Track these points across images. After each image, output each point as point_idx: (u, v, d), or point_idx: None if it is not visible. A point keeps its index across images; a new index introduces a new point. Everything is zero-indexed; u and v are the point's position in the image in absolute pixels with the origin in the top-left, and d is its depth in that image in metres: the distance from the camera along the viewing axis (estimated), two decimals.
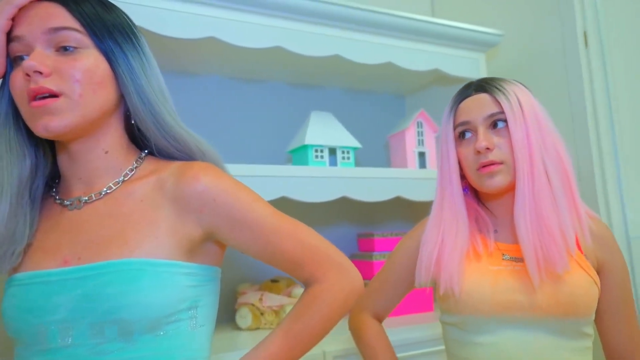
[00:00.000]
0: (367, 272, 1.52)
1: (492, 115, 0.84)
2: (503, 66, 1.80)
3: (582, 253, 0.83)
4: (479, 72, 1.56)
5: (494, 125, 0.85)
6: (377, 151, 1.80)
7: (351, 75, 1.66)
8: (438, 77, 1.67)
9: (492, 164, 0.83)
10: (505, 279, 0.81)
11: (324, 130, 1.40)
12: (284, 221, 0.75)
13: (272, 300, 1.31)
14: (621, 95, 1.59)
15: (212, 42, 1.22)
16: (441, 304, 0.89)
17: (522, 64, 1.73)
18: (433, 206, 0.91)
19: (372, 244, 1.54)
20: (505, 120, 0.84)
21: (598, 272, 0.85)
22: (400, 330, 1.26)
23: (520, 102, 0.84)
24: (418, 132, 1.54)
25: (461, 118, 0.87)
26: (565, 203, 0.80)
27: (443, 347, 1.26)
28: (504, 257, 0.84)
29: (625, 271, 0.86)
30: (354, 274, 0.77)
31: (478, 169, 0.84)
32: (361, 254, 1.57)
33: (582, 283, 0.79)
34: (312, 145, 1.35)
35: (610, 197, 1.50)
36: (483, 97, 0.86)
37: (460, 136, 0.88)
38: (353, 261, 1.61)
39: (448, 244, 0.85)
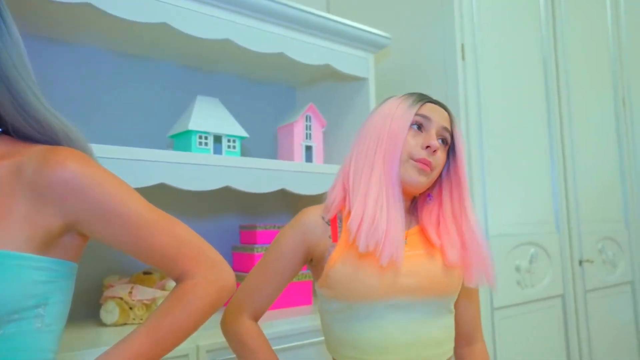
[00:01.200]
0: (248, 265, 1.51)
1: (445, 129, 0.93)
2: (390, 69, 1.89)
3: None
4: (368, 71, 1.62)
5: (439, 137, 0.93)
6: (264, 142, 1.79)
7: (242, 62, 1.62)
8: (329, 73, 1.70)
9: (429, 164, 0.89)
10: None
11: (209, 116, 1.36)
12: (156, 215, 0.72)
13: (143, 293, 1.24)
14: (490, 107, 1.75)
15: (89, 10, 1.11)
16: (326, 290, 0.90)
17: (408, 69, 1.83)
18: (372, 179, 0.88)
19: (255, 236, 1.53)
20: (446, 142, 0.94)
21: None
22: (280, 322, 1.27)
23: (461, 133, 0.97)
24: (306, 125, 1.56)
25: (426, 112, 0.92)
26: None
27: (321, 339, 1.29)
28: None
29: None
30: (227, 271, 0.77)
31: (413, 159, 0.89)
32: (242, 246, 1.55)
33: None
34: (196, 131, 1.30)
35: (475, 200, 1.65)
36: (444, 112, 0.95)
37: (412, 125, 0.92)
38: (234, 253, 1.59)
39: (393, 217, 0.85)
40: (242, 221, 1.72)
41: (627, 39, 2.46)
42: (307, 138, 1.55)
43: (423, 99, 0.95)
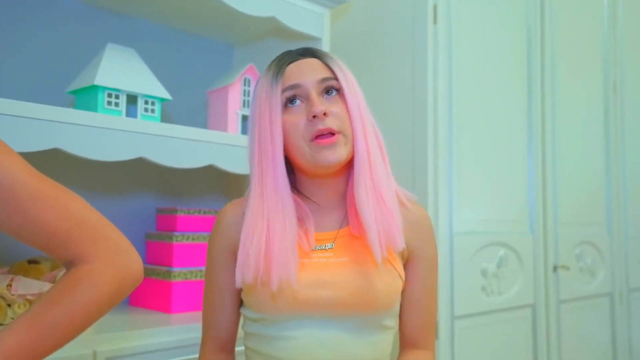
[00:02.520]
0: (165, 256, 1.50)
1: (325, 79, 0.91)
2: (349, 30, 1.90)
3: None
4: (323, 30, 1.62)
5: (325, 92, 0.91)
6: (191, 108, 1.78)
7: (168, 7, 1.59)
8: (275, 29, 1.70)
9: (331, 133, 0.88)
10: (311, 274, 0.88)
11: (122, 70, 1.33)
12: (45, 186, 0.71)
13: (27, 286, 1.21)
14: (463, 82, 1.80)
15: None
16: (243, 294, 0.94)
17: (369, 30, 1.85)
18: (251, 192, 0.92)
19: (174, 221, 1.51)
20: (336, 89, 0.91)
21: (406, 260, 0.96)
22: (197, 327, 1.27)
23: (349, 73, 0.94)
24: (244, 90, 1.55)
25: (290, 81, 0.91)
26: (391, 182, 0.92)
27: None
28: (313, 248, 0.91)
29: (433, 261, 0.99)
30: (133, 257, 0.76)
31: (313, 140, 0.88)
32: (159, 233, 1.53)
33: (385, 278, 0.89)
34: (104, 88, 1.27)
35: (440, 191, 1.70)
36: (314, 61, 0.93)
37: (286, 104, 0.91)
38: (148, 242, 1.58)
39: (277, 234, 0.87)
40: (160, 203, 1.70)
41: (623, 13, 2.59)
42: (244, 106, 1.54)
43: (283, 62, 0.93)
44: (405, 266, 0.96)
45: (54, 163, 1.27)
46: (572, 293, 2.20)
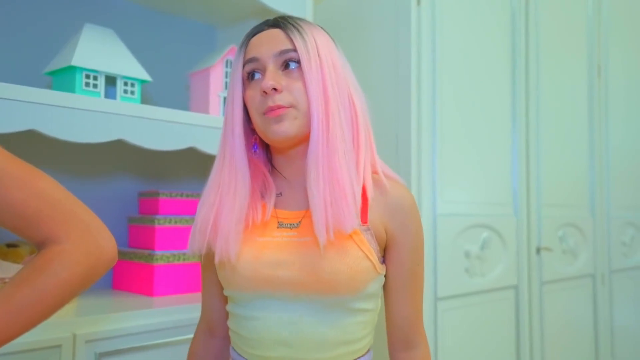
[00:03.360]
0: (147, 240, 1.49)
1: (283, 52, 0.87)
2: (331, 10, 1.89)
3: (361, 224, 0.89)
4: (305, 10, 1.60)
5: (285, 65, 0.88)
6: (173, 90, 1.76)
7: None
8: (257, 10, 1.68)
9: (279, 108, 0.85)
10: (271, 252, 0.87)
11: (101, 51, 1.31)
12: (14, 165, 0.71)
13: (6, 270, 1.19)
14: (447, 63, 1.79)
15: None
16: (217, 273, 0.94)
17: (352, 11, 1.84)
18: (214, 164, 0.93)
19: (156, 205, 1.50)
20: (298, 62, 0.87)
21: (387, 244, 0.92)
22: (179, 309, 1.27)
23: (317, 43, 0.88)
24: (226, 72, 1.53)
25: (249, 55, 0.89)
26: (353, 160, 0.88)
27: None
28: (278, 226, 0.90)
29: (417, 245, 0.93)
30: (106, 238, 0.76)
31: (265, 113, 0.86)
32: (141, 217, 1.52)
33: (347, 259, 0.85)
34: (82, 69, 1.25)
35: (423, 173, 1.70)
36: (275, 32, 0.89)
37: (249, 77, 0.90)
38: (130, 226, 1.57)
39: (226, 205, 0.88)
40: (142, 186, 1.68)
41: None
42: (226, 88, 1.53)
43: (247, 37, 0.92)
44: (386, 251, 0.93)
45: (31, 145, 1.25)
46: (555, 274, 2.22)
